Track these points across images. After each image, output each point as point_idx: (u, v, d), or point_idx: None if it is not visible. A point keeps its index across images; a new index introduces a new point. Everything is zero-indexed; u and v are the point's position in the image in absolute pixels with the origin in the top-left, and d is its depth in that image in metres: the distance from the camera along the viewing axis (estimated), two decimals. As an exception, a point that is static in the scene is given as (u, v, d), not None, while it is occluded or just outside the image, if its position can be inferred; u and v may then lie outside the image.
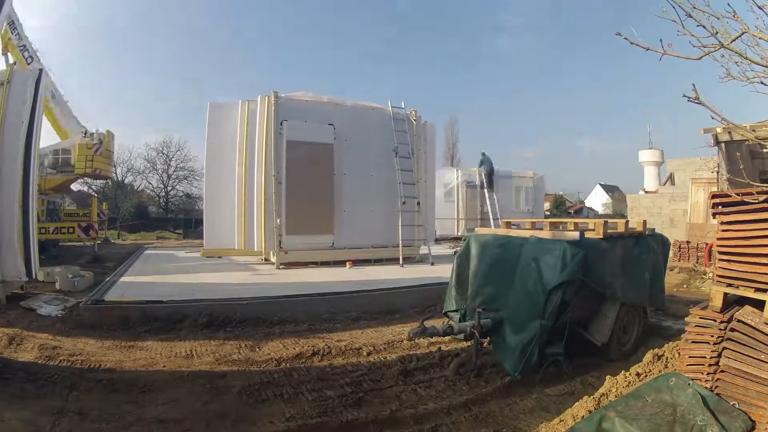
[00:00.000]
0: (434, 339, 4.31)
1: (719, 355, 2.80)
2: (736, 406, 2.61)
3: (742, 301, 2.90)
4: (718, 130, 7.58)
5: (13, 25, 11.41)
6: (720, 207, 2.98)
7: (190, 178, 31.91)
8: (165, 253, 12.27)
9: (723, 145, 8.02)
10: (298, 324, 5.36)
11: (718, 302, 2.92)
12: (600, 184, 50.54)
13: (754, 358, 2.61)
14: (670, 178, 15.17)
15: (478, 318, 3.85)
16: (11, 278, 5.59)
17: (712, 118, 2.61)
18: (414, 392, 3.53)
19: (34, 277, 5.76)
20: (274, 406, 3.25)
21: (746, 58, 2.44)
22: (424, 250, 9.89)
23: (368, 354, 4.39)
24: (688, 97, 2.47)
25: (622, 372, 3.42)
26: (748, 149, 7.85)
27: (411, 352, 4.38)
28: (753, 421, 2.53)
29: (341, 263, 9.01)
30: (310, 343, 4.62)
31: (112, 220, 22.30)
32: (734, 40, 2.38)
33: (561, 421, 2.97)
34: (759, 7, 2.39)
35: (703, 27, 2.36)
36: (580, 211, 41.65)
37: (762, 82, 2.49)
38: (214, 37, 62.89)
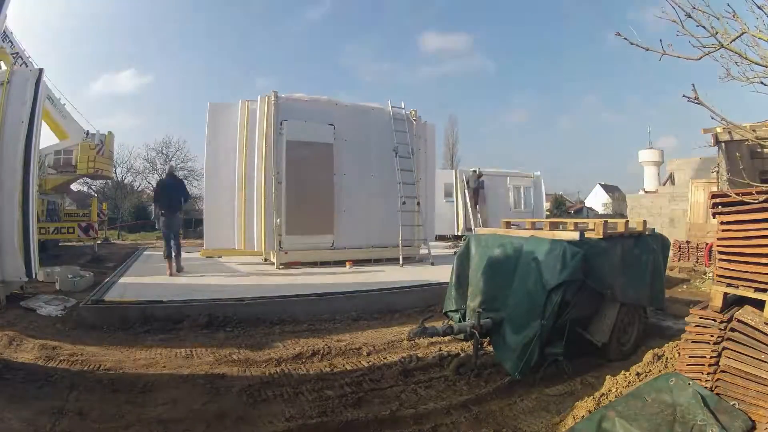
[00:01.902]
0: (434, 339, 4.31)
1: (719, 355, 2.79)
2: (736, 406, 2.61)
3: (742, 301, 2.89)
4: (718, 130, 7.58)
5: (4, 34, 11.42)
6: (720, 207, 2.98)
7: (190, 178, 31.89)
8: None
9: (723, 145, 8.02)
10: (298, 324, 5.36)
11: (718, 302, 2.92)
12: (600, 184, 50.57)
13: (754, 358, 2.61)
14: (670, 178, 15.16)
15: (478, 318, 3.86)
16: (11, 278, 5.58)
17: (712, 118, 2.61)
18: (414, 392, 3.52)
19: (34, 277, 5.76)
20: (274, 406, 3.25)
21: (746, 59, 2.45)
22: (424, 250, 9.88)
23: (368, 354, 4.39)
24: (688, 98, 2.47)
25: (622, 372, 3.41)
26: (748, 149, 7.85)
27: (411, 352, 4.38)
28: (753, 421, 2.53)
29: (341, 263, 9.01)
30: (310, 343, 4.62)
31: (112, 220, 22.30)
32: (734, 40, 2.39)
33: (561, 421, 2.97)
34: (759, 7, 2.39)
35: (703, 27, 2.36)
36: (580, 211, 41.67)
37: (762, 82, 2.49)
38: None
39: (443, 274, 5.80)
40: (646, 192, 19.64)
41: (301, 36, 70.77)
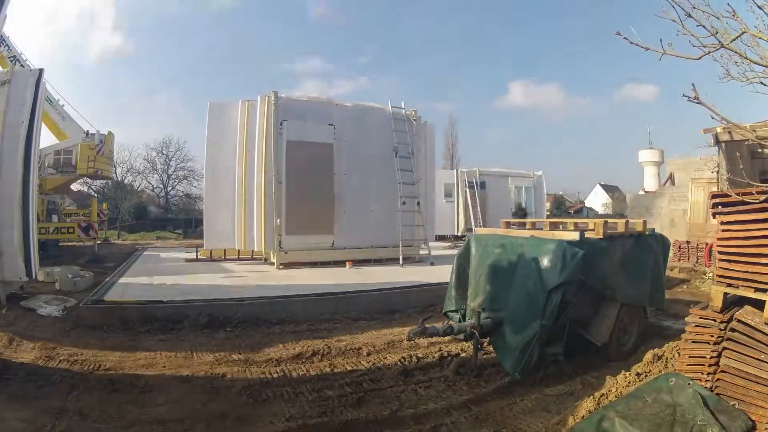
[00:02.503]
0: (434, 339, 4.31)
1: (719, 355, 2.79)
2: (736, 406, 2.60)
3: (742, 301, 2.89)
4: (718, 130, 7.58)
5: (1, 38, 11.44)
6: (720, 207, 2.98)
7: (190, 178, 31.99)
8: (164, 254, 12.24)
9: (723, 144, 8.02)
10: (298, 324, 5.36)
11: (718, 302, 2.92)
12: (600, 184, 50.49)
13: (754, 358, 2.61)
14: (670, 178, 15.14)
15: (478, 318, 3.86)
16: (11, 278, 5.58)
17: (712, 118, 2.61)
18: (414, 392, 3.53)
19: (34, 277, 5.75)
20: (274, 406, 3.25)
21: (746, 58, 2.45)
22: (424, 250, 9.88)
23: (368, 354, 4.39)
24: (688, 97, 2.47)
25: (622, 372, 3.42)
26: (748, 149, 7.86)
27: (411, 352, 4.38)
28: (753, 421, 2.53)
29: (341, 263, 9.01)
30: (310, 343, 4.62)
31: (112, 220, 22.31)
32: (734, 39, 2.39)
33: (561, 421, 2.97)
34: (759, 7, 2.39)
35: (703, 27, 2.36)
36: (580, 211, 41.65)
37: (762, 82, 2.49)
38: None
39: (443, 274, 5.80)
40: (646, 192, 19.63)
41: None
